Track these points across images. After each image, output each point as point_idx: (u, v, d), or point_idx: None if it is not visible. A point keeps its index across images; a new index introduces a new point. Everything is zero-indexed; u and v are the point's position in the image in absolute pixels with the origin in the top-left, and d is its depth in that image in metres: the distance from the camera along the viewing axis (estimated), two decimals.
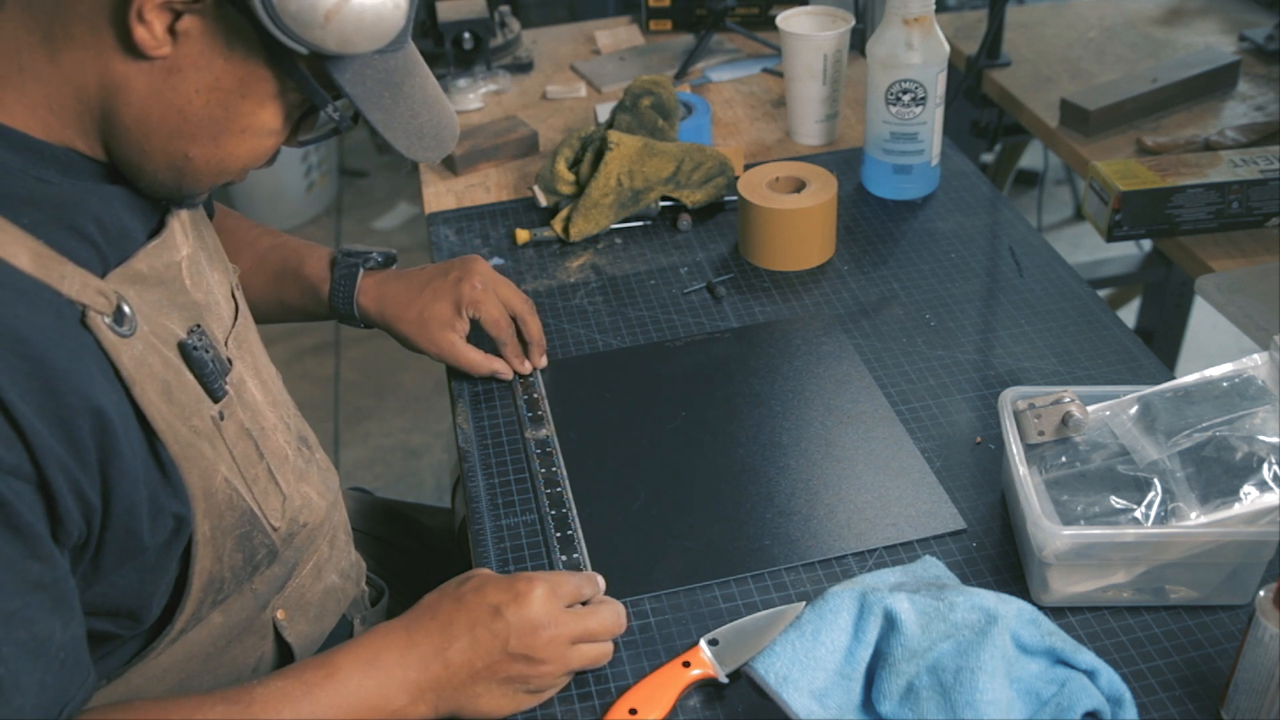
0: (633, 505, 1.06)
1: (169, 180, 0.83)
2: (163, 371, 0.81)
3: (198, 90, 0.78)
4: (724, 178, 1.46)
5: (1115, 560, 0.91)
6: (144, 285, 0.82)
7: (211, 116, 0.79)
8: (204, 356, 0.85)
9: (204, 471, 0.84)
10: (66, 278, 0.75)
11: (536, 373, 1.22)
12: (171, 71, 0.76)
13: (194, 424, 0.84)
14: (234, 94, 0.79)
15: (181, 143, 0.80)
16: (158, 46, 0.74)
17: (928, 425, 1.13)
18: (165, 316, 0.84)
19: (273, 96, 0.81)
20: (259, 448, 0.91)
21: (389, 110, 0.84)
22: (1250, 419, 0.94)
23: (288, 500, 0.95)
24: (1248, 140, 1.53)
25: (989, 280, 1.34)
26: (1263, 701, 0.80)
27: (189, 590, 0.86)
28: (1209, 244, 1.38)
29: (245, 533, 0.90)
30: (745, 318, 1.30)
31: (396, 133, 0.85)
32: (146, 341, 0.80)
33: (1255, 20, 1.91)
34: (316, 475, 1.02)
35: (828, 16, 1.58)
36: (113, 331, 0.77)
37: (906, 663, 0.83)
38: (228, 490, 0.87)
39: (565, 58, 1.96)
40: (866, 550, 1.00)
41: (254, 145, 0.83)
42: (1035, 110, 1.70)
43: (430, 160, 0.89)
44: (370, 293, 1.20)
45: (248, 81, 0.79)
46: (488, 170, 1.63)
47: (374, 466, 2.66)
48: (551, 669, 0.87)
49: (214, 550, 0.87)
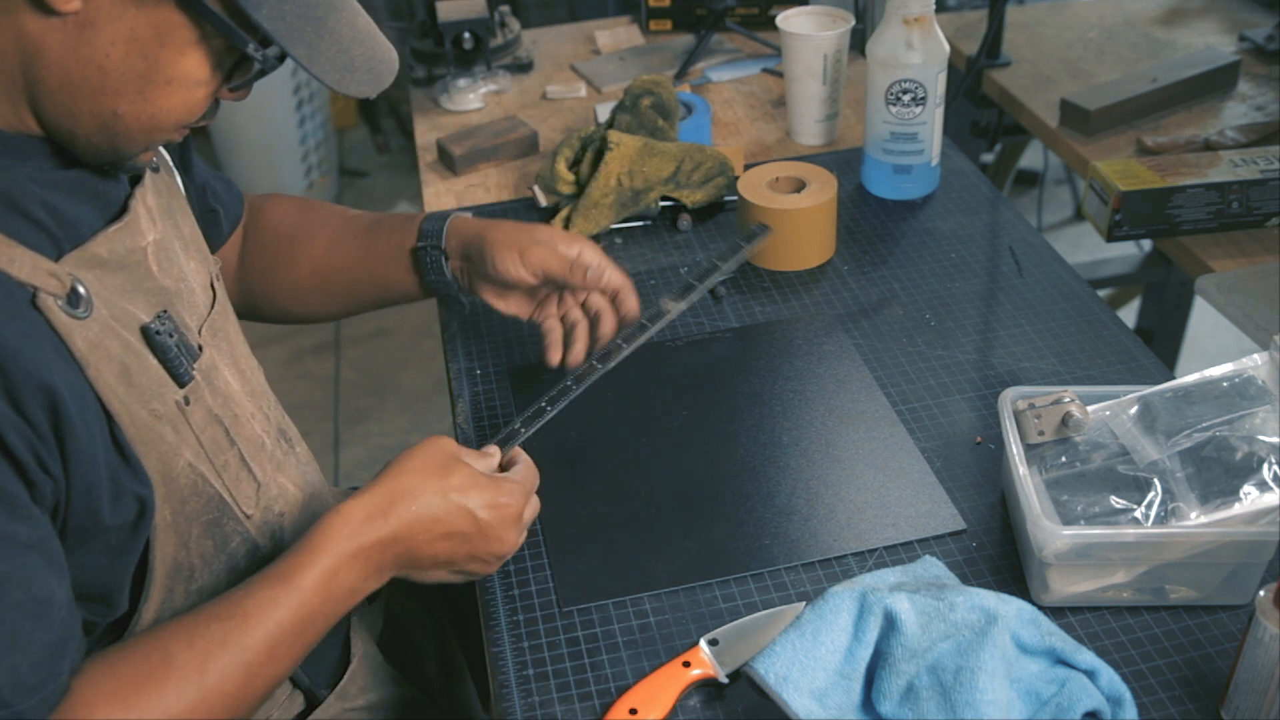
0: (633, 505, 1.06)
1: (102, 142, 0.82)
2: (121, 354, 0.81)
3: (114, 43, 0.77)
4: (724, 178, 1.46)
5: (1115, 560, 0.91)
6: (104, 269, 0.82)
7: (133, 69, 0.78)
8: (168, 341, 0.85)
9: (163, 456, 0.84)
10: (15, 260, 0.75)
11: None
12: (85, 26, 0.76)
13: (154, 408, 0.83)
14: (152, 43, 0.78)
15: (107, 100, 0.79)
16: (67, 1, 0.74)
17: (928, 425, 1.13)
18: (128, 300, 0.84)
19: (193, 43, 0.79)
20: (230, 434, 0.91)
21: (313, 45, 0.81)
22: (1250, 419, 0.94)
23: (262, 488, 0.94)
24: (1248, 140, 1.53)
25: (989, 280, 1.34)
26: (1263, 701, 0.80)
27: (151, 576, 0.86)
28: (1209, 244, 1.38)
29: (213, 519, 0.89)
30: (745, 318, 1.30)
31: (324, 68, 0.81)
32: (104, 324, 0.80)
33: (1255, 20, 1.91)
34: (294, 468, 1.02)
35: (828, 16, 1.58)
36: (65, 313, 0.77)
37: (906, 663, 0.83)
38: (191, 475, 0.86)
39: (565, 58, 1.96)
40: (866, 550, 1.00)
41: (183, 97, 0.81)
42: (1035, 110, 1.70)
43: (365, 94, 0.85)
44: (464, 220, 1.15)
45: (164, 29, 0.77)
46: (488, 170, 1.63)
47: (374, 466, 2.63)
48: (507, 550, 0.91)
49: (177, 536, 0.87)
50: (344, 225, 1.20)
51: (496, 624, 0.96)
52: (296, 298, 1.22)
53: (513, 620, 0.96)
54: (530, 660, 0.93)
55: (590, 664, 0.92)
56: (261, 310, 1.23)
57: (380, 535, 0.86)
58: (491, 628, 0.95)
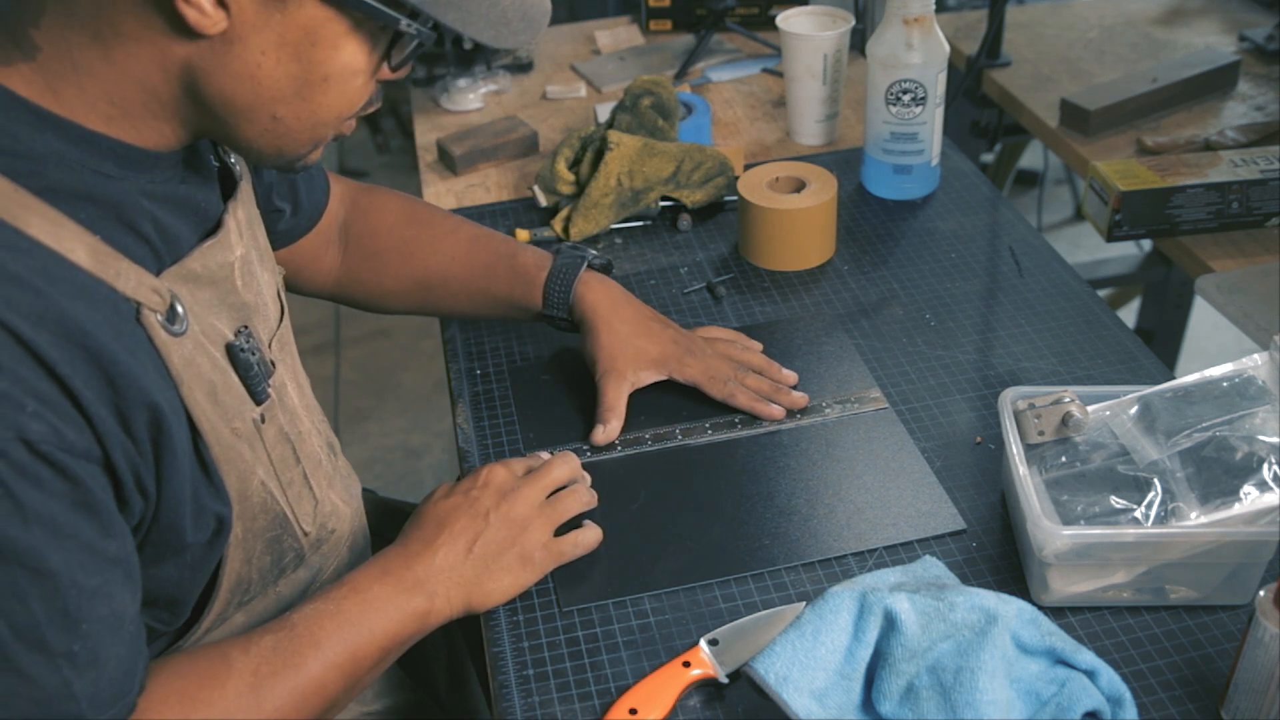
0: (633, 505, 1.06)
1: (268, 146, 0.81)
2: (210, 372, 0.81)
3: (264, 52, 0.75)
4: (724, 178, 1.46)
5: (1115, 560, 0.91)
6: (196, 284, 0.82)
7: (288, 74, 0.76)
8: (250, 359, 0.85)
9: (241, 474, 0.85)
10: (122, 274, 0.75)
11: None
12: (233, 42, 0.74)
13: (235, 426, 0.84)
14: (303, 45, 0.76)
15: (265, 107, 0.78)
16: (212, 24, 0.72)
17: (928, 425, 1.13)
18: (215, 316, 0.84)
19: (345, 34, 0.77)
20: (296, 452, 0.92)
21: (463, 6, 0.77)
22: (1250, 419, 0.94)
23: (319, 505, 0.96)
24: (1248, 140, 1.53)
25: (989, 280, 1.34)
26: (1263, 701, 0.80)
27: (218, 590, 0.87)
28: (1209, 244, 1.38)
29: (276, 536, 0.90)
30: (745, 318, 1.30)
31: (479, 26, 0.78)
32: (196, 341, 0.80)
33: (1255, 20, 1.91)
34: (340, 482, 1.03)
35: (828, 16, 1.58)
36: (165, 330, 0.77)
37: (906, 663, 0.83)
38: (263, 494, 0.87)
39: (565, 58, 1.96)
40: (866, 550, 1.00)
41: (341, 90, 0.79)
42: (1035, 110, 1.70)
43: (525, 43, 0.82)
44: (592, 286, 1.16)
45: (311, 28, 0.75)
46: (488, 170, 1.63)
47: (374, 466, 2.66)
48: (537, 526, 0.96)
49: (244, 552, 0.88)
50: (459, 255, 1.20)
51: (496, 624, 0.96)
52: (399, 302, 1.24)
53: (513, 620, 0.96)
54: (530, 660, 0.93)
55: (590, 664, 0.92)
56: (358, 303, 1.25)
57: (396, 548, 0.94)
58: (491, 628, 0.96)
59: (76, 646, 0.71)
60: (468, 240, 1.20)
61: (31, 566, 0.69)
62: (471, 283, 1.19)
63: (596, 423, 1.12)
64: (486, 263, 1.19)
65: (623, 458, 1.11)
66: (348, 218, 1.22)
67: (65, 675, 0.71)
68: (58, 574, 0.70)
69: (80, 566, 0.71)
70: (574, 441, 1.13)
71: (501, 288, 1.18)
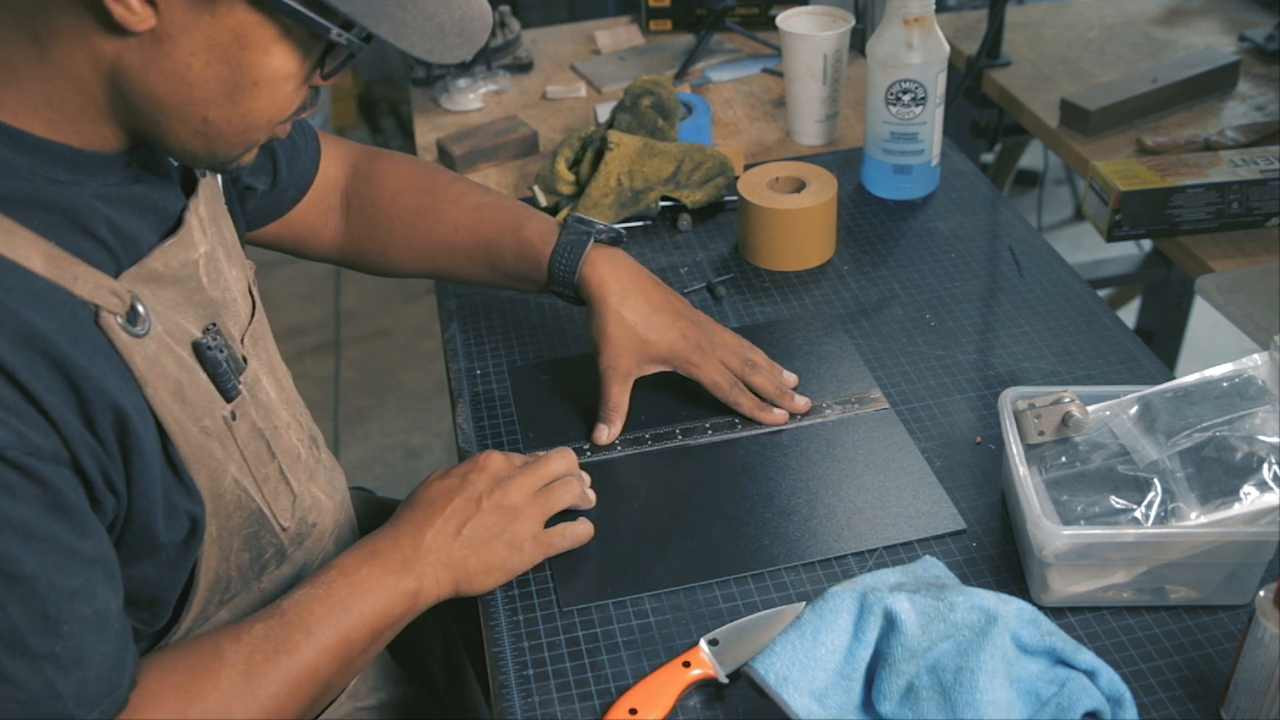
0: (633, 505, 1.06)
1: (199, 148, 0.81)
2: (175, 371, 0.81)
3: (193, 53, 0.75)
4: (724, 178, 1.46)
5: (1115, 560, 0.91)
6: (159, 284, 0.82)
7: (217, 76, 0.76)
8: (218, 356, 0.85)
9: (212, 472, 0.85)
10: (79, 278, 0.75)
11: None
12: (162, 41, 0.74)
13: (204, 424, 0.84)
14: (233, 48, 0.75)
15: (195, 108, 0.77)
16: (140, 21, 0.72)
17: (928, 425, 1.13)
18: (180, 315, 0.83)
19: (275, 40, 0.76)
20: (270, 447, 0.91)
21: (397, 18, 0.77)
22: (1250, 419, 0.94)
23: (298, 500, 0.95)
24: (1248, 140, 1.53)
25: (989, 280, 1.34)
26: (1263, 701, 0.80)
27: (195, 589, 0.87)
28: (1209, 244, 1.38)
29: (253, 533, 0.90)
30: (745, 318, 1.30)
31: (414, 40, 0.77)
32: (160, 341, 0.80)
33: (1255, 20, 1.91)
34: (323, 475, 1.02)
35: (828, 16, 1.58)
36: (125, 331, 0.77)
37: (906, 663, 0.83)
38: (236, 490, 0.87)
39: (565, 58, 1.96)
40: (866, 550, 1.00)
41: (272, 95, 0.79)
42: (1035, 110, 1.70)
43: (462, 59, 0.81)
44: (599, 266, 1.12)
45: (241, 32, 0.75)
46: (488, 170, 1.63)
47: (374, 466, 2.66)
48: (528, 515, 0.97)
49: (220, 550, 0.87)
50: (464, 227, 1.18)
51: (496, 624, 0.96)
52: (406, 270, 1.23)
53: (513, 620, 0.96)
54: (530, 660, 0.93)
55: (590, 664, 0.92)
56: (365, 267, 1.24)
57: (385, 530, 0.94)
58: (491, 628, 0.96)
59: (59, 648, 0.71)
60: (472, 210, 1.18)
61: (7, 572, 0.69)
62: (477, 255, 1.17)
63: (599, 422, 1.12)
64: (491, 236, 1.17)
65: (623, 458, 1.11)
66: (349, 185, 1.20)
67: (49, 676, 0.71)
68: (34, 578, 0.70)
69: (58, 568, 0.71)
70: (574, 441, 1.13)
71: (508, 262, 1.16)
